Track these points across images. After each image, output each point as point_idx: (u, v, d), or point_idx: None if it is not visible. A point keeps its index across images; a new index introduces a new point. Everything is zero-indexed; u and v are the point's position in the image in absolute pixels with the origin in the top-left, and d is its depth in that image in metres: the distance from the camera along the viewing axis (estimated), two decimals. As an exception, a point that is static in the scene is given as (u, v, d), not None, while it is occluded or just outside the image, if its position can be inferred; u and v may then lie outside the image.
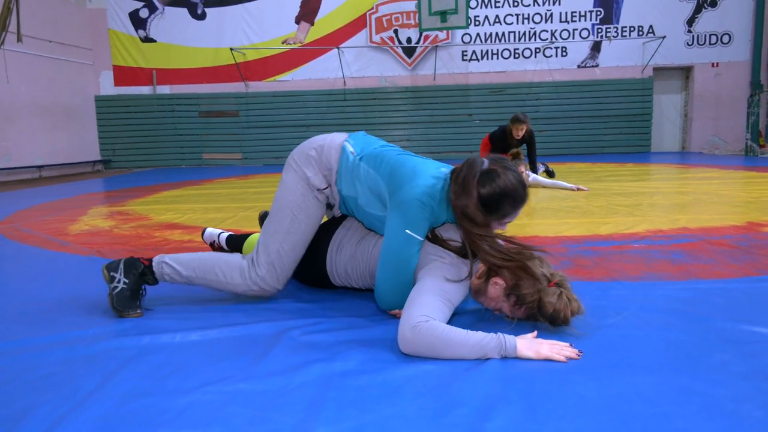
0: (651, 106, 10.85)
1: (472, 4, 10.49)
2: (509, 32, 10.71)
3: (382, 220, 1.75)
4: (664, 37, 10.48)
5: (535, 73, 10.81)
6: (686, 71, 11.04)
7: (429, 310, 1.42)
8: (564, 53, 10.80)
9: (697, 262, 2.37)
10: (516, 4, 10.64)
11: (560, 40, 10.71)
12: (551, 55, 10.80)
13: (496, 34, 10.71)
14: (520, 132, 5.55)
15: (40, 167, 8.99)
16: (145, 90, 10.66)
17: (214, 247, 2.49)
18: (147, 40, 10.51)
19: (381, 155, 1.76)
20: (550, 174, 6.00)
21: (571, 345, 1.41)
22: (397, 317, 1.73)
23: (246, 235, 2.39)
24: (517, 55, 10.79)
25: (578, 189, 5.00)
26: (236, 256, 1.89)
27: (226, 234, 2.47)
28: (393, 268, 1.64)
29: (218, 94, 10.64)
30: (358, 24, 10.54)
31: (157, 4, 10.41)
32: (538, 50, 10.76)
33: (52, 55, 9.30)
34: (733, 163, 7.86)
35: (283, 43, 10.57)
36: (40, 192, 6.40)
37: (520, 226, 3.29)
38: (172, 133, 10.67)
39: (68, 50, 9.72)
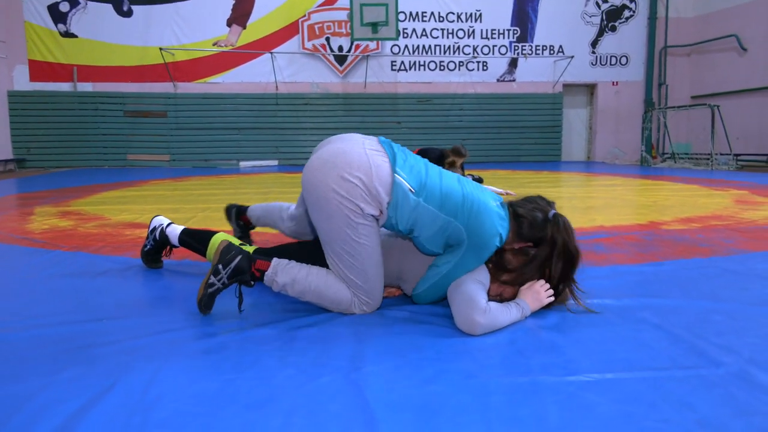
0: (561, 119, 11.89)
1: (401, 17, 11.01)
2: (435, 45, 11.34)
3: (434, 252, 1.87)
4: (572, 57, 11.54)
5: (458, 85, 11.51)
6: (591, 88, 12.21)
7: (481, 297, 1.75)
8: (485, 67, 11.59)
9: (615, 252, 2.89)
10: (441, 19, 11.29)
11: (481, 55, 11.49)
12: (474, 69, 11.55)
13: (424, 46, 11.30)
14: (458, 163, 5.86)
15: (-53, 165, 8.40)
16: (64, 86, 10.21)
17: (156, 237, 2.44)
18: (67, 35, 10.09)
19: (449, 197, 1.78)
20: (478, 180, 6.54)
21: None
22: (392, 295, 2.08)
23: (208, 233, 2.38)
24: (442, 68, 11.43)
25: (507, 193, 5.56)
26: (342, 288, 1.84)
27: (176, 228, 2.42)
28: (445, 284, 1.85)
29: (145, 94, 10.40)
30: (290, 30, 10.73)
31: (80, -2, 10.04)
32: (461, 63, 11.47)
33: (-37, 46, 8.73)
34: (631, 172, 8.87)
35: (214, 45, 10.54)
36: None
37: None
38: (95, 132, 10.30)
39: (-20, 42, 9.16)
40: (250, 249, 2.19)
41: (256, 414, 1.17)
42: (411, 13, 11.13)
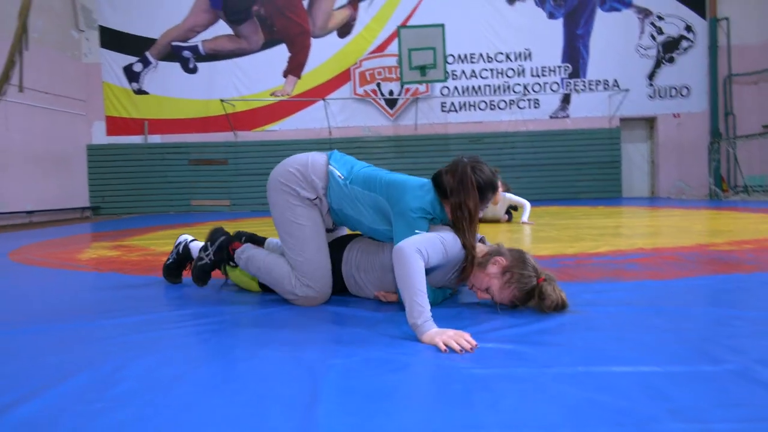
0: (620, 154, 11.51)
1: (450, 59, 11.21)
2: (485, 85, 11.42)
3: (387, 232, 2.02)
4: (627, 90, 11.27)
5: (509, 124, 11.46)
6: (650, 121, 11.81)
7: (425, 246, 1.70)
8: (536, 105, 11.50)
9: (646, 270, 2.72)
10: (490, 59, 11.40)
11: (532, 93, 11.44)
12: (525, 107, 11.49)
13: (473, 87, 11.41)
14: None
15: (30, 213, 9.17)
16: (136, 139, 11.02)
17: (179, 251, 2.58)
18: (140, 92, 10.96)
19: (370, 178, 2.04)
20: (512, 208, 6.33)
21: (470, 335, 1.52)
22: (383, 300, 2.06)
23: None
24: (492, 107, 11.46)
25: (525, 222, 5.54)
26: (287, 268, 2.05)
27: (199, 243, 2.55)
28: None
29: (208, 143, 11.04)
30: (342, 78, 11.16)
31: (151, 58, 10.93)
32: (512, 102, 11.45)
33: (49, 105, 9.67)
34: (697, 205, 8.39)
35: (271, 95, 11.11)
36: (35, 234, 6.59)
37: (496, 249, 3.63)
38: (162, 180, 10.98)
39: (63, 101, 10.10)
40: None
41: (204, 394, 1.18)
42: (459, 56, 11.32)
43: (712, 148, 11.16)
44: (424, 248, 1.71)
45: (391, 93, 11.25)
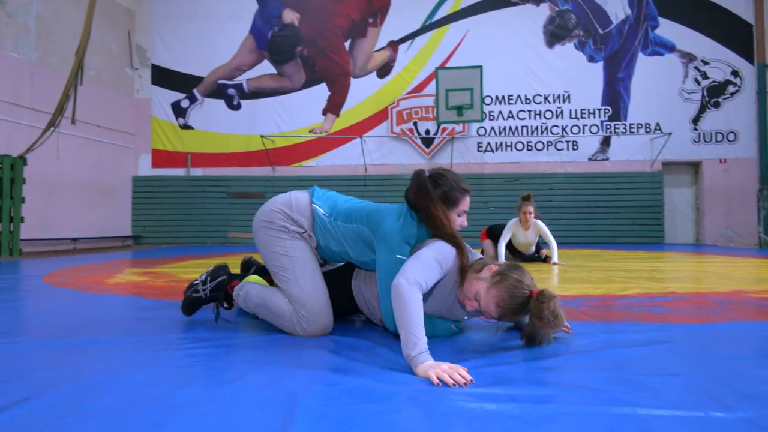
0: (662, 199, 11.17)
1: (487, 100, 11.27)
2: (522, 126, 11.38)
3: (374, 263, 2.01)
4: (670, 134, 11.01)
5: (547, 165, 11.33)
6: (695, 166, 11.46)
7: (420, 273, 1.69)
8: (575, 147, 11.36)
9: (673, 313, 2.58)
10: (528, 101, 11.39)
11: (571, 135, 11.32)
12: (563, 149, 11.37)
13: (510, 127, 11.39)
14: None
15: (75, 239, 9.53)
16: (179, 172, 11.42)
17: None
18: (185, 127, 11.42)
19: (351, 211, 2.05)
20: (543, 259, 6.17)
21: (467, 370, 1.45)
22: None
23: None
24: (530, 148, 11.38)
25: (555, 262, 5.39)
26: (285, 303, 2.02)
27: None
28: (387, 284, 1.90)
29: (247, 177, 11.33)
30: (380, 116, 11.35)
31: (198, 95, 11.42)
32: (550, 143, 11.35)
33: (99, 138, 10.16)
34: (743, 253, 8.00)
35: (310, 131, 11.37)
36: (75, 259, 6.83)
37: (519, 288, 3.53)
38: (201, 212, 11.27)
39: (113, 134, 10.61)
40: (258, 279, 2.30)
41: (176, 411, 1.15)
42: (497, 97, 11.36)
43: (761, 195, 10.70)
44: (421, 276, 1.68)
45: (427, 132, 11.34)
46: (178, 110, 11.44)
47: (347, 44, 11.45)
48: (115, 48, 10.79)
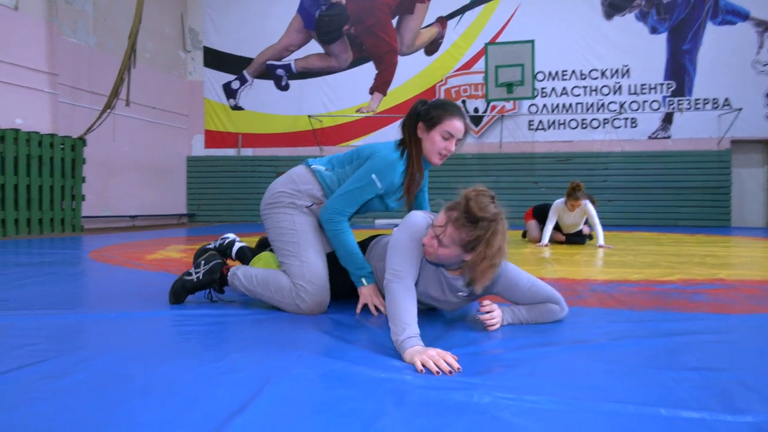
0: (729, 180, 10.45)
1: (540, 76, 10.84)
2: (576, 103, 10.89)
3: (378, 202, 2.11)
4: (740, 110, 10.24)
5: (603, 143, 10.82)
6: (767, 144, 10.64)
7: (404, 264, 1.65)
8: (634, 124, 10.78)
9: (713, 302, 2.37)
10: (584, 76, 10.87)
11: (629, 112, 10.74)
12: (620, 126, 10.81)
13: (563, 104, 10.92)
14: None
15: (133, 217, 9.96)
16: (230, 152, 11.68)
17: (222, 243, 2.63)
18: (236, 108, 11.64)
19: (350, 153, 2.13)
20: (589, 236, 6.01)
21: (456, 358, 1.37)
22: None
23: (254, 252, 2.54)
24: (584, 126, 10.89)
25: (601, 245, 5.15)
26: (284, 277, 2.02)
27: (239, 245, 2.61)
28: (345, 200, 1.96)
29: (295, 157, 11.44)
30: (428, 95, 11.14)
31: (248, 77, 11.58)
32: (606, 121, 10.82)
33: (154, 119, 10.51)
34: (816, 237, 7.38)
35: (357, 111, 11.33)
36: (132, 235, 7.13)
37: (553, 271, 3.37)
38: (251, 191, 11.51)
39: (168, 116, 10.95)
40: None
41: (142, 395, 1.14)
42: (550, 72, 10.90)
43: (843, 175, 9.82)
44: (404, 265, 1.65)
45: (476, 110, 11.06)
46: (229, 91, 11.66)
47: (394, 21, 11.27)
48: (168, 31, 11.07)
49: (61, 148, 7.88)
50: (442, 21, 11.16)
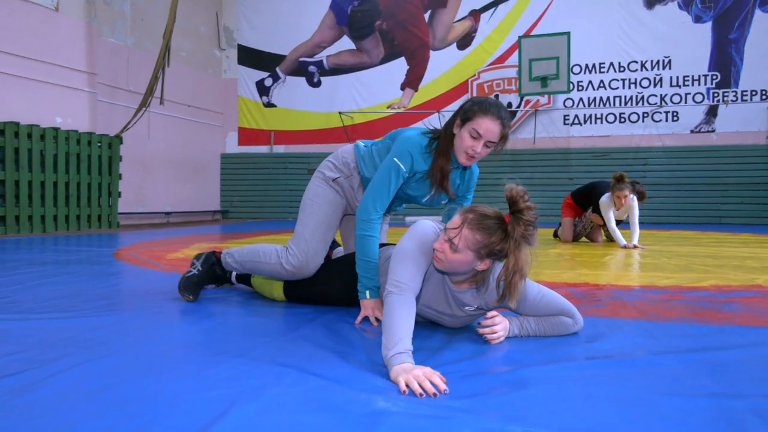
0: (779, 175, 9.92)
1: (575, 69, 10.51)
2: (614, 97, 10.52)
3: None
4: (791, 102, 9.69)
5: (642, 138, 10.42)
6: (822, 138, 10.03)
7: (406, 275, 1.57)
8: (675, 118, 10.34)
9: (746, 312, 2.21)
10: (622, 69, 10.48)
11: (671, 105, 10.31)
12: (661, 120, 10.38)
13: (600, 98, 10.57)
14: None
15: (168, 213, 10.17)
16: (263, 149, 11.79)
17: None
18: (269, 105, 11.73)
19: (386, 137, 2.16)
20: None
21: (445, 380, 1.27)
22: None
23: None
24: (622, 120, 10.51)
25: (635, 245, 4.91)
26: (276, 245, 2.23)
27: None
28: (375, 191, 1.97)
29: (327, 154, 11.38)
30: (459, 90, 10.97)
31: (280, 74, 11.65)
32: (646, 114, 10.41)
33: (189, 117, 10.70)
34: None
35: (388, 107, 11.26)
36: (164, 232, 7.27)
37: (576, 275, 3.23)
38: (283, 188, 11.60)
39: (202, 113, 11.12)
40: None
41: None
42: (586, 65, 10.55)
43: None
44: (405, 276, 1.57)
45: (509, 105, 10.81)
46: (262, 89, 11.75)
47: (426, 15, 11.12)
48: (203, 30, 11.23)
49: (98, 145, 8.10)
50: (476, 14, 10.95)
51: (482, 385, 1.30)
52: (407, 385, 1.24)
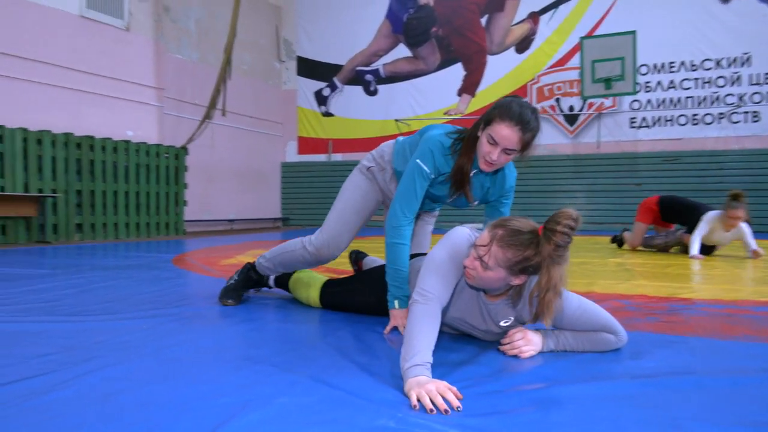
0: None
1: (643, 69, 10.03)
2: (686, 97, 9.95)
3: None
4: None
5: (717, 140, 9.78)
6: None
7: (434, 285, 1.53)
8: (756, 118, 9.64)
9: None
10: (695, 67, 9.90)
11: (750, 104, 9.62)
12: (739, 121, 9.71)
13: (671, 99, 10.02)
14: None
15: (231, 221, 10.52)
16: (321, 158, 11.99)
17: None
18: (327, 114, 11.93)
19: (418, 132, 2.12)
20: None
21: (461, 397, 1.22)
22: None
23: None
24: (695, 122, 9.91)
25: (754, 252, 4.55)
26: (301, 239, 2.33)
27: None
28: (402, 197, 1.93)
29: (383, 162, 11.50)
30: (518, 94, 10.72)
31: (338, 83, 11.83)
32: (722, 116, 9.77)
33: (250, 127, 11.05)
34: None
35: (444, 114, 11.17)
36: (226, 239, 7.52)
37: (633, 286, 3.04)
38: (341, 196, 11.71)
39: (263, 124, 11.46)
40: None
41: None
42: (655, 65, 10.03)
43: None
44: (434, 286, 1.51)
45: (571, 109, 10.45)
46: (320, 98, 11.97)
47: (483, 20, 10.96)
48: (264, 43, 11.59)
49: (165, 157, 8.50)
50: (534, 17, 10.69)
51: (505, 404, 1.22)
52: (419, 400, 1.18)
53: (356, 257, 2.94)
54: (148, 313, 2.15)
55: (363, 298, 2.14)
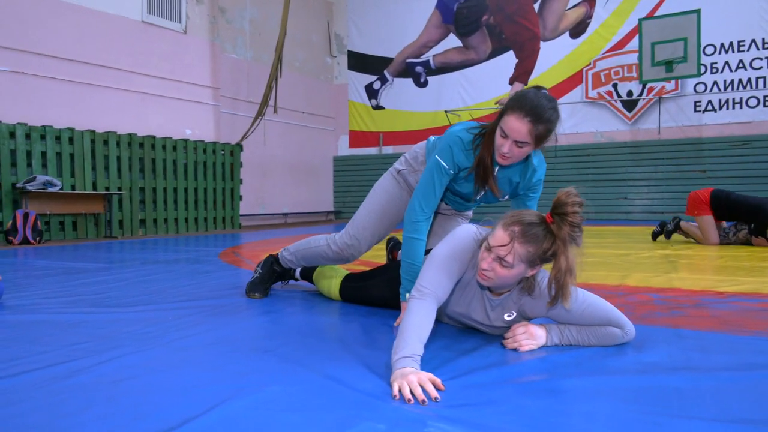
0: None
1: (708, 50, 9.47)
2: (757, 78, 9.32)
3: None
4: None
5: (792, 123, 9.11)
6: None
7: (433, 282, 1.56)
8: (836, 98, 8.91)
9: None
10: (766, 46, 9.25)
11: (830, 83, 8.89)
12: (816, 101, 9.00)
13: (740, 80, 9.42)
14: None
15: (285, 214, 10.83)
16: (372, 151, 12.10)
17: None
18: (377, 107, 12.01)
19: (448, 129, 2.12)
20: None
21: (443, 388, 1.26)
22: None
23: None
24: (766, 104, 9.27)
25: None
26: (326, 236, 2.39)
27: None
28: (420, 193, 1.97)
29: (434, 153, 11.46)
30: (573, 81, 10.39)
31: (388, 76, 11.88)
32: (797, 96, 9.09)
33: (302, 123, 11.30)
34: None
35: (495, 104, 10.98)
36: (278, 232, 7.77)
37: (668, 280, 2.93)
38: (393, 188, 11.79)
39: (315, 119, 11.69)
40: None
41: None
42: (722, 45, 9.44)
43: None
44: (432, 283, 1.54)
45: (630, 94, 10.03)
46: (371, 92, 12.06)
47: (536, 6, 10.68)
48: (316, 39, 11.79)
49: (221, 153, 8.86)
50: (590, 0, 10.30)
51: (494, 395, 1.25)
52: (400, 390, 1.23)
53: (393, 247, 2.99)
54: (180, 305, 2.30)
55: (380, 292, 2.19)
